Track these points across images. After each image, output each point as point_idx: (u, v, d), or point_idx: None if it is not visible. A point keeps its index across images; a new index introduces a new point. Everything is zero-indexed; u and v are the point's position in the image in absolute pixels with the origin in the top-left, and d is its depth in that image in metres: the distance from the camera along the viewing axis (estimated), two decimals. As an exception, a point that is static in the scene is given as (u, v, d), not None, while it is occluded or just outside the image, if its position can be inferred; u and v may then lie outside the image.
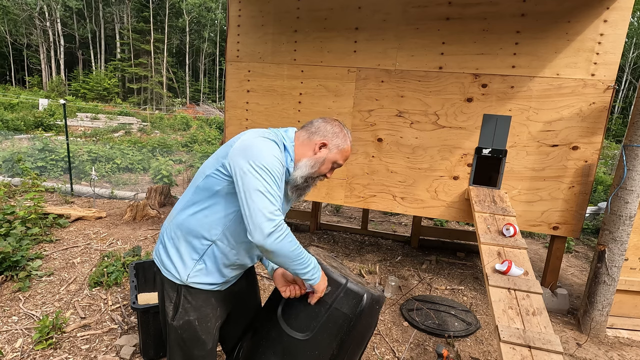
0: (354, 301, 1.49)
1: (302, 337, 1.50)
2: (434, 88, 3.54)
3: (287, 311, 1.58)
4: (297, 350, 1.50)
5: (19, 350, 2.47)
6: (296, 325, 1.52)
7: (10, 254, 3.34)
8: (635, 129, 2.89)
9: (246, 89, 4.09)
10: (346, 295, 1.49)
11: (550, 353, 1.99)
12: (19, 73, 38.93)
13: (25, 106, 17.87)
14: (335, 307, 1.48)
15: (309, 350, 1.49)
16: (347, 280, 1.52)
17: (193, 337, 1.59)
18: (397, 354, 2.73)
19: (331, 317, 1.48)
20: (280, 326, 1.55)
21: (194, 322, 1.57)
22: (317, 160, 1.56)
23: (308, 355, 1.49)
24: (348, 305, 1.49)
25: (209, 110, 28.37)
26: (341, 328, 1.49)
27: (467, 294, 3.71)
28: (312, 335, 1.48)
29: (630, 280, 3.25)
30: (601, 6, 3.10)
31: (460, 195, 3.62)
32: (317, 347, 1.49)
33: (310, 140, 1.57)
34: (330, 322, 1.48)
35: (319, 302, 1.51)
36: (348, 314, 1.49)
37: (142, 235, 4.57)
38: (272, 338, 1.57)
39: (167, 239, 1.58)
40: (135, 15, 38.24)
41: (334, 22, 3.72)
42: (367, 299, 1.50)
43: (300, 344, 1.49)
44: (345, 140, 1.61)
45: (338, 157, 1.60)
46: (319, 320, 1.49)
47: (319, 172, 1.59)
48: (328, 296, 1.50)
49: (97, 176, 7.23)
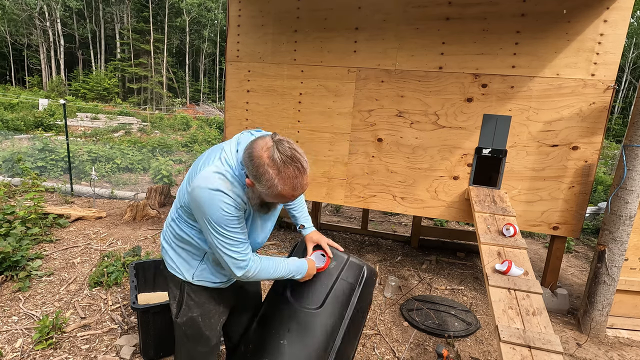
0: (357, 272, 1.74)
1: (316, 309, 1.63)
2: (434, 88, 3.54)
3: (296, 289, 1.70)
4: (312, 322, 1.62)
5: (19, 350, 2.47)
6: (307, 301, 1.66)
7: (10, 254, 3.34)
8: (635, 129, 2.89)
9: (246, 89, 4.09)
10: (350, 268, 1.73)
11: (550, 353, 1.99)
12: (19, 73, 38.93)
13: (25, 106, 17.88)
14: (342, 278, 1.70)
15: (324, 319, 1.62)
16: (349, 255, 1.77)
17: (197, 334, 1.60)
18: (397, 354, 2.73)
19: (339, 288, 1.68)
20: (292, 304, 1.66)
21: (197, 318, 1.58)
22: (255, 195, 1.37)
23: (323, 325, 1.62)
24: (353, 276, 1.72)
25: (209, 110, 28.37)
26: (349, 297, 1.69)
27: (467, 294, 3.71)
28: (325, 306, 1.64)
29: (630, 280, 3.25)
30: (601, 6, 3.10)
31: (460, 195, 3.62)
32: (331, 316, 1.63)
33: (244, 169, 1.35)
34: (339, 292, 1.68)
35: (327, 276, 1.69)
36: (353, 283, 1.72)
37: (142, 235, 4.57)
38: (285, 316, 1.65)
39: (169, 240, 1.59)
40: (135, 15, 38.24)
41: (334, 22, 3.72)
42: (367, 270, 1.77)
43: (315, 316, 1.62)
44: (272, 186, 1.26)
45: (274, 199, 1.35)
46: (329, 291, 1.66)
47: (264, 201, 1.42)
48: (335, 269, 1.70)
49: (97, 176, 7.23)
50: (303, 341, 1.59)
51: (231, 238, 1.37)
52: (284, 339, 1.59)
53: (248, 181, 1.33)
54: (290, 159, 1.25)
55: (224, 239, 1.36)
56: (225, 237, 1.36)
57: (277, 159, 1.24)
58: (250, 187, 1.35)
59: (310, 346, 1.58)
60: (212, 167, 1.36)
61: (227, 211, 1.33)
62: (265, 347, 1.60)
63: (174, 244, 1.57)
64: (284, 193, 1.28)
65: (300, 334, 1.60)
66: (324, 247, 1.77)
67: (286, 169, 1.25)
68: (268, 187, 1.27)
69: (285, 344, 1.58)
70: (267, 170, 1.25)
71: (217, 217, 1.33)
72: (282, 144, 1.26)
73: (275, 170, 1.25)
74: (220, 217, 1.33)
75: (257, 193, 1.36)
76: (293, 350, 1.57)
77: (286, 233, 5.03)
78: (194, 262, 1.54)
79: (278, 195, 1.29)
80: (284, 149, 1.25)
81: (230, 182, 1.35)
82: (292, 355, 1.56)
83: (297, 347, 1.58)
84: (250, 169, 1.29)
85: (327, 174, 3.96)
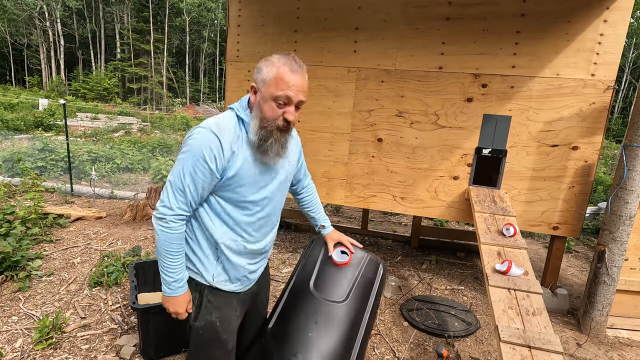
0: (375, 268, 1.85)
1: (341, 301, 1.70)
2: (434, 88, 3.54)
3: (320, 283, 1.76)
4: (337, 314, 1.68)
5: (19, 350, 2.47)
6: (332, 294, 1.73)
7: (10, 254, 3.34)
8: (635, 129, 2.89)
9: (246, 89, 4.09)
10: (369, 264, 1.84)
11: (550, 353, 1.99)
12: (19, 73, 38.93)
13: (25, 106, 17.87)
14: (363, 274, 1.80)
15: (348, 312, 1.70)
16: (368, 252, 1.88)
17: (214, 338, 1.58)
18: (397, 354, 2.73)
19: (361, 282, 1.78)
20: (317, 298, 1.71)
21: (215, 322, 1.57)
22: (256, 110, 1.44)
23: (347, 317, 1.69)
24: (372, 272, 1.83)
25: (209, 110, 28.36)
26: (369, 291, 1.79)
27: (467, 294, 3.71)
28: (349, 299, 1.72)
29: (630, 280, 3.25)
30: (601, 6, 3.10)
31: (460, 195, 3.62)
32: (354, 309, 1.71)
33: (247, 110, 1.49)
34: (360, 287, 1.77)
35: (350, 270, 1.79)
36: (372, 278, 1.82)
37: (142, 235, 4.57)
38: (311, 309, 1.68)
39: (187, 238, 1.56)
40: (135, 15, 38.24)
41: (334, 22, 3.72)
42: (382, 266, 1.89)
43: (340, 308, 1.69)
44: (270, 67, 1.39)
45: (272, 90, 1.38)
46: (353, 285, 1.75)
47: (267, 120, 1.42)
48: (356, 265, 1.81)
49: (97, 176, 7.23)
50: (330, 333, 1.63)
51: (184, 181, 1.40)
52: (311, 332, 1.62)
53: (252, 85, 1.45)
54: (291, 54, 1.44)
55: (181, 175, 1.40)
56: (183, 174, 1.40)
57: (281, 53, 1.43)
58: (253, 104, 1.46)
59: (337, 338, 1.63)
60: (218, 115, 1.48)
61: (205, 153, 1.37)
62: (293, 340, 1.62)
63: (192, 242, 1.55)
64: (281, 72, 1.37)
65: (327, 326, 1.64)
66: (345, 244, 1.86)
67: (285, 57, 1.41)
68: (268, 71, 1.39)
69: (313, 336, 1.61)
70: (269, 58, 1.42)
71: (195, 152, 1.38)
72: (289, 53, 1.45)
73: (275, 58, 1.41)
74: (198, 153, 1.37)
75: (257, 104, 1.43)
76: (321, 342, 1.60)
77: (286, 233, 5.03)
78: (211, 263, 1.54)
79: (276, 77, 1.37)
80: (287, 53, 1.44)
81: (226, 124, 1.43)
82: (321, 347, 1.59)
83: (324, 339, 1.61)
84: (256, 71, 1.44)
85: (327, 174, 3.96)
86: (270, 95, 1.39)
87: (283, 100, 1.39)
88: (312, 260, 1.85)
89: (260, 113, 1.42)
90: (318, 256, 1.84)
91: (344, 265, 1.78)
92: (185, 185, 1.40)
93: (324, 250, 1.86)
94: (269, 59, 1.42)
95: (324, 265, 1.80)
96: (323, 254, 1.83)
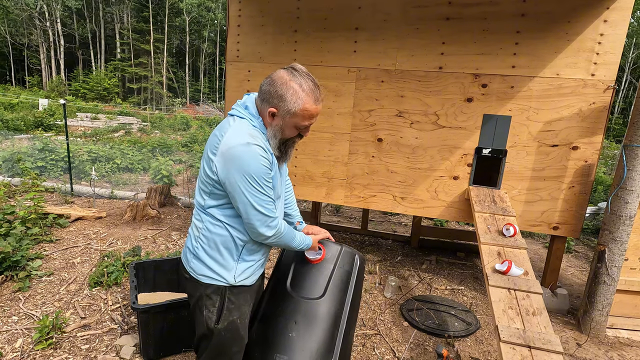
0: (351, 259, 1.87)
1: (318, 298, 1.72)
2: (434, 88, 3.54)
3: (296, 283, 1.77)
4: (316, 311, 1.69)
5: (19, 350, 2.47)
6: (309, 291, 1.74)
7: (10, 254, 3.34)
8: (635, 129, 2.89)
9: (246, 89, 4.08)
10: (344, 256, 1.85)
11: (550, 353, 1.99)
12: (19, 73, 38.92)
13: (25, 106, 17.88)
14: (339, 266, 1.82)
15: (327, 307, 1.71)
16: (342, 245, 1.90)
17: (235, 336, 1.61)
18: (397, 354, 2.73)
19: (337, 275, 1.80)
20: (294, 297, 1.72)
21: (236, 320, 1.60)
22: (275, 130, 1.46)
23: (327, 312, 1.70)
24: (348, 264, 1.85)
25: (209, 110, 28.37)
26: (347, 283, 1.81)
27: (467, 294, 3.71)
28: (326, 294, 1.73)
29: (630, 280, 3.25)
30: (601, 6, 3.10)
31: (460, 195, 3.62)
32: (333, 303, 1.73)
33: (264, 109, 1.46)
34: (337, 280, 1.79)
35: (325, 266, 1.80)
36: (349, 270, 1.84)
37: (142, 235, 4.57)
38: (289, 310, 1.69)
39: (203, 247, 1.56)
40: (135, 15, 38.25)
41: (334, 22, 3.72)
42: (358, 257, 1.91)
43: (318, 305, 1.70)
44: (296, 99, 1.39)
45: (296, 120, 1.43)
46: (329, 280, 1.77)
47: (285, 138, 1.50)
48: (331, 259, 1.81)
49: (97, 176, 7.23)
50: (311, 331, 1.65)
51: (266, 194, 1.43)
52: (292, 332, 1.63)
53: (271, 109, 1.41)
54: (307, 74, 1.41)
55: (259, 195, 1.42)
56: (260, 193, 1.41)
57: (297, 74, 1.39)
58: (270, 124, 1.45)
59: (318, 334, 1.65)
60: (235, 126, 1.44)
61: (264, 163, 1.40)
62: (275, 343, 1.63)
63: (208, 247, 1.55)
64: (307, 105, 1.39)
65: (307, 325, 1.66)
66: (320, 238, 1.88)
67: (307, 82, 1.39)
68: (294, 102, 1.38)
69: (294, 336, 1.63)
70: (291, 85, 1.38)
71: (256, 169, 1.38)
72: (296, 65, 1.42)
73: (297, 84, 1.38)
74: (259, 169, 1.39)
75: (277, 126, 1.44)
76: (303, 341, 1.62)
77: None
78: (231, 264, 1.55)
79: (302, 110, 1.39)
80: (299, 67, 1.41)
81: (257, 133, 1.44)
82: (303, 346, 1.61)
83: (306, 338, 1.63)
84: (273, 93, 1.39)
85: (327, 174, 3.96)
86: (294, 124, 1.45)
87: (305, 126, 1.48)
88: (287, 261, 1.86)
89: (281, 134, 1.48)
90: (292, 256, 1.86)
91: (318, 261, 1.80)
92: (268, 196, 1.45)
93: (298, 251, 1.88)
94: (290, 85, 1.38)
95: (299, 265, 1.82)
96: (297, 254, 1.84)
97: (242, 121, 1.46)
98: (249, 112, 1.48)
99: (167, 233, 4.71)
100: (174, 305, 2.39)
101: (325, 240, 1.87)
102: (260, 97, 1.46)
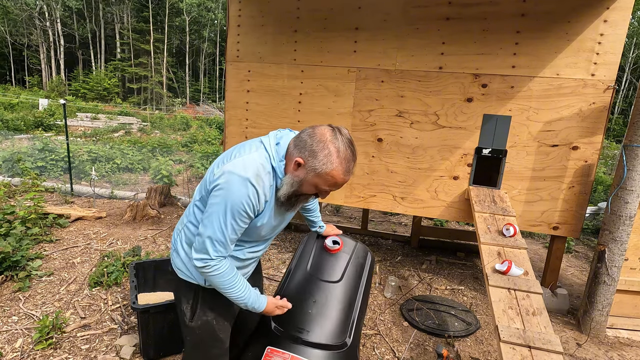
0: (364, 253, 2.10)
1: (337, 281, 1.90)
2: (434, 88, 3.54)
3: (316, 268, 1.96)
4: (335, 291, 1.87)
5: (19, 350, 2.47)
6: (328, 275, 1.92)
7: (10, 254, 3.34)
8: (635, 129, 2.89)
9: (246, 89, 4.09)
10: (359, 250, 2.09)
11: (550, 353, 1.99)
12: (19, 73, 38.92)
13: (25, 106, 17.87)
14: (354, 257, 2.03)
15: (343, 290, 1.89)
16: (357, 242, 2.14)
17: (211, 337, 1.60)
18: (397, 354, 2.73)
19: (353, 264, 2.00)
20: (315, 279, 1.89)
21: (212, 321, 1.59)
22: (295, 180, 1.37)
23: (344, 294, 1.88)
24: (362, 257, 2.07)
25: (209, 110, 28.36)
26: (361, 272, 2.02)
27: (467, 294, 3.71)
28: (343, 278, 1.92)
29: (630, 280, 3.25)
30: (601, 6, 3.10)
31: (460, 195, 3.62)
32: (348, 287, 1.91)
33: (292, 155, 1.36)
34: (353, 268, 1.98)
35: (343, 255, 2.00)
36: (362, 262, 2.05)
37: (142, 235, 4.57)
38: (309, 289, 1.86)
39: (183, 246, 1.58)
40: (135, 15, 38.24)
41: (334, 22, 3.72)
42: (370, 253, 2.14)
43: (337, 287, 1.88)
44: (327, 162, 1.29)
45: (318, 181, 1.34)
46: (346, 267, 1.97)
47: (300, 192, 1.41)
48: (348, 250, 2.04)
49: (97, 176, 7.23)
50: (328, 310, 1.80)
51: (226, 232, 1.36)
52: (311, 309, 1.77)
53: (298, 159, 1.32)
54: (350, 142, 1.33)
55: (221, 228, 1.36)
56: (223, 227, 1.35)
57: (339, 138, 1.31)
58: (292, 172, 1.36)
59: (335, 315, 1.79)
60: (252, 156, 1.37)
61: (247, 207, 1.34)
62: (295, 318, 1.74)
63: (186, 245, 1.55)
64: (335, 173, 1.31)
65: (325, 304, 1.81)
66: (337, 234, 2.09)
67: (345, 150, 1.31)
68: (323, 163, 1.29)
69: (312, 312, 1.76)
70: (328, 146, 1.30)
71: (236, 206, 1.33)
72: (342, 128, 1.35)
73: (335, 148, 1.30)
74: (239, 207, 1.33)
75: (297, 178, 1.35)
76: (321, 319, 1.76)
77: (286, 233, 5.03)
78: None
79: (329, 175, 1.31)
80: (345, 132, 1.34)
81: (263, 175, 1.36)
82: (321, 323, 1.74)
83: (324, 316, 1.77)
84: (308, 145, 1.31)
85: (327, 174, 3.95)
86: (315, 184, 1.36)
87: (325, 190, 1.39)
88: (307, 250, 2.05)
89: (299, 187, 1.38)
90: (313, 246, 2.05)
91: (337, 251, 2.00)
92: (227, 237, 1.38)
93: (317, 242, 2.08)
94: (327, 145, 1.29)
95: (319, 253, 2.01)
96: (317, 245, 2.05)
97: (262, 154, 1.39)
98: (277, 149, 1.41)
99: (167, 233, 4.71)
100: (174, 305, 2.39)
101: (342, 235, 2.09)
102: (294, 142, 1.37)
